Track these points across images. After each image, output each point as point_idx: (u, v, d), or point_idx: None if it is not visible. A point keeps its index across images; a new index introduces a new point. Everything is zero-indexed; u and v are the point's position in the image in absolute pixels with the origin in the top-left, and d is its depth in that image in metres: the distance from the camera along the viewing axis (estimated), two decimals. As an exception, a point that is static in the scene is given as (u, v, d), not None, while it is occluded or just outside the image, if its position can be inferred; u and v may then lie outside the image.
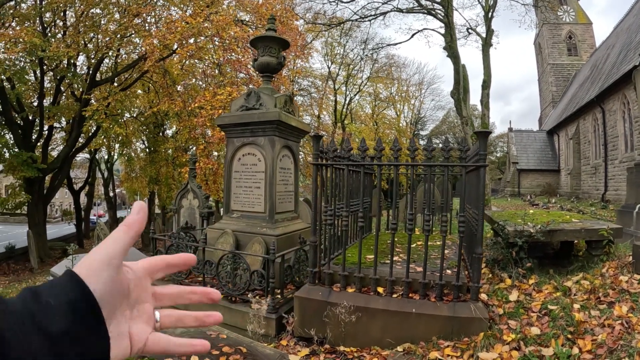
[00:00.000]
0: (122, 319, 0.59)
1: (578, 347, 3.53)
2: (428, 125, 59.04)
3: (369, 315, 4.22)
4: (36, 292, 0.51)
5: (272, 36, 6.60)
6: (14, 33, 14.73)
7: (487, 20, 23.21)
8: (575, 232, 5.73)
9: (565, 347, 3.53)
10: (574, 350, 3.48)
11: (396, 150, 4.29)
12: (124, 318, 0.59)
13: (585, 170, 25.08)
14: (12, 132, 17.95)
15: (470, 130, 20.00)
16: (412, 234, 4.39)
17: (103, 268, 0.55)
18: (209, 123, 14.92)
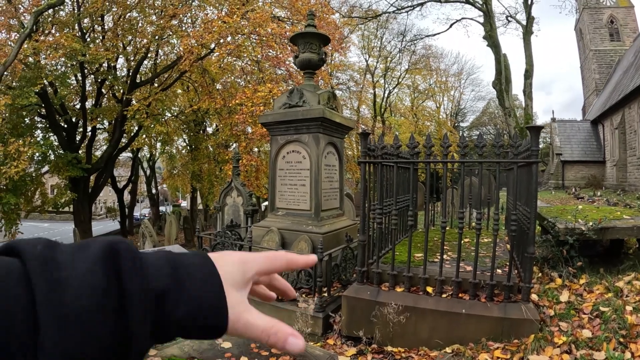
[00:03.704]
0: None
1: (630, 352, 3.42)
2: (468, 117, 58.18)
3: (418, 316, 4.19)
4: (178, 268, 0.53)
5: (313, 32, 6.59)
6: (54, 39, 15.19)
7: (527, 7, 22.72)
8: (627, 230, 5.53)
9: (617, 352, 3.42)
10: (626, 355, 3.37)
11: (446, 146, 4.23)
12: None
13: (631, 162, 24.22)
14: (56, 134, 18.51)
15: (513, 122, 19.62)
16: (462, 232, 4.33)
17: (238, 292, 0.57)
18: (249, 120, 15.01)
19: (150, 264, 0.51)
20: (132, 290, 0.47)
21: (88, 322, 0.43)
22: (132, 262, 0.49)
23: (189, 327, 0.52)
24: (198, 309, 0.51)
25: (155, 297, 0.49)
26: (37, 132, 19.27)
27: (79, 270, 0.45)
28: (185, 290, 0.51)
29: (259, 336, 0.57)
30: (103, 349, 0.44)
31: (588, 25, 40.93)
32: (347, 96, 37.07)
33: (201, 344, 3.34)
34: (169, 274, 0.51)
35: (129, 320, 0.46)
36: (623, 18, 40.28)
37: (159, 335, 0.51)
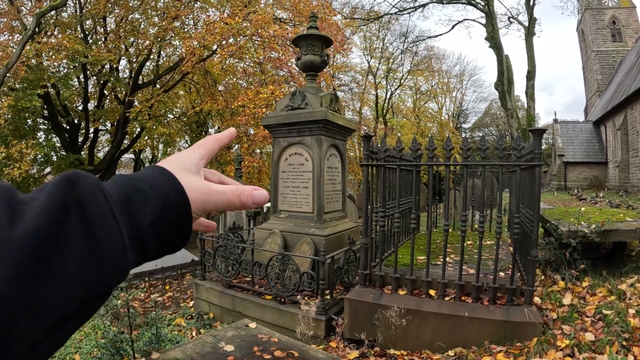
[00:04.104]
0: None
1: (633, 355, 3.41)
2: (471, 118, 58.20)
3: (421, 319, 4.19)
4: (135, 179, 0.55)
5: (315, 34, 6.59)
6: (57, 41, 15.23)
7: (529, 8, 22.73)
8: (630, 232, 5.52)
9: (620, 355, 3.42)
10: (629, 358, 3.37)
11: (449, 149, 4.23)
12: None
13: (634, 163, 24.17)
14: (59, 135, 18.56)
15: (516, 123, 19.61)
16: (465, 235, 4.32)
17: (194, 176, 0.62)
18: (252, 121, 15.04)
19: (108, 184, 0.53)
20: (90, 202, 0.48)
21: (48, 242, 0.44)
22: (89, 182, 0.50)
23: (163, 226, 0.54)
24: (163, 203, 0.54)
25: (121, 204, 0.51)
26: (39, 133, 19.35)
27: (39, 199, 0.46)
28: (146, 192, 0.54)
29: (230, 199, 0.63)
30: (69, 266, 0.45)
31: (590, 26, 40.92)
32: (349, 97, 37.09)
33: (203, 347, 3.34)
34: (125, 184, 0.54)
35: (94, 233, 0.47)
36: (625, 19, 40.25)
37: (137, 245, 0.52)
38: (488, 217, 7.81)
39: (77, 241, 0.45)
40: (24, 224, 0.43)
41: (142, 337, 4.23)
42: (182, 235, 0.57)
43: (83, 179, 0.50)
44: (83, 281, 0.46)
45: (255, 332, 3.79)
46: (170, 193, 0.56)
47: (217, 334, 3.66)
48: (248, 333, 3.72)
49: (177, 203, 0.56)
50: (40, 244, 0.43)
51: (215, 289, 6.21)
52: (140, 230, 0.52)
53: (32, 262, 0.42)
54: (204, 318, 6.26)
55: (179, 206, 0.56)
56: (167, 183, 0.56)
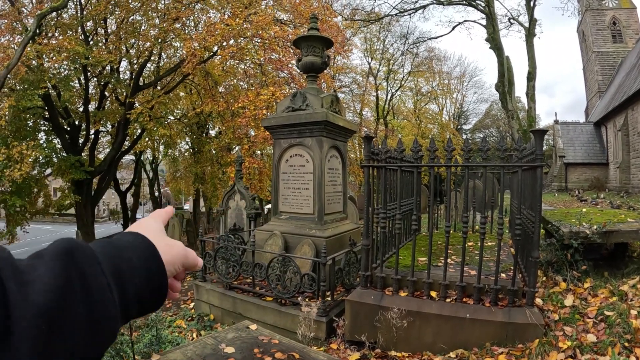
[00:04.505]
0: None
1: (635, 356, 3.41)
2: (471, 119, 58.11)
3: (422, 320, 4.18)
4: (122, 249, 0.64)
5: (316, 35, 6.59)
6: (57, 42, 15.23)
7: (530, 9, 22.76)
8: (632, 233, 5.50)
9: (622, 356, 3.41)
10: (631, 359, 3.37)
11: (450, 150, 4.22)
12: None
13: (635, 164, 24.15)
14: (59, 137, 18.54)
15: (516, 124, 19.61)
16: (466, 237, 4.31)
17: (161, 237, 0.72)
18: (252, 123, 15.03)
19: (99, 252, 0.59)
20: (91, 277, 0.55)
21: (59, 312, 0.49)
22: (86, 255, 0.57)
23: (146, 296, 0.64)
24: (147, 277, 0.64)
25: (114, 279, 0.58)
26: (40, 134, 19.34)
27: (40, 271, 0.51)
28: (134, 264, 0.63)
29: (193, 259, 0.78)
30: (74, 336, 0.50)
31: (590, 27, 40.91)
32: (349, 99, 37.09)
33: (204, 349, 3.33)
34: (117, 255, 0.61)
35: (95, 304, 0.54)
36: (626, 19, 40.24)
37: (123, 310, 0.59)
38: (489, 219, 7.80)
39: (81, 314, 0.51)
40: (36, 298, 0.47)
41: (142, 338, 4.22)
42: (159, 301, 0.67)
43: (80, 251, 0.56)
44: (85, 348, 0.52)
45: (256, 334, 3.77)
46: (153, 267, 0.65)
47: (218, 335, 3.66)
48: (249, 335, 3.71)
49: (157, 275, 0.66)
50: (50, 316, 0.48)
51: (215, 291, 6.20)
52: (128, 300, 0.60)
53: (46, 335, 0.47)
54: (205, 320, 6.25)
55: (158, 278, 0.66)
56: (149, 255, 0.66)
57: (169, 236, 0.75)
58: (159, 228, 0.75)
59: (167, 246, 0.70)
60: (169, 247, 0.71)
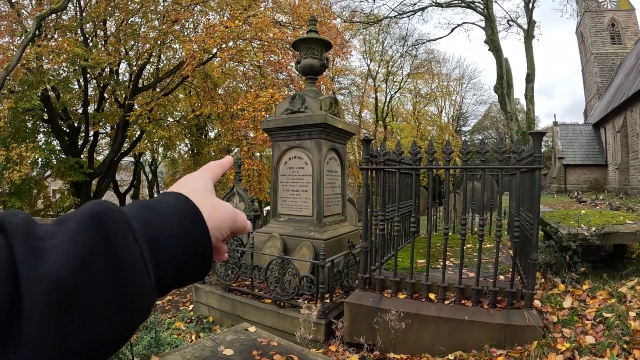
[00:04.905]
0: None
1: (634, 358, 3.40)
2: (470, 121, 58.23)
3: (420, 322, 4.18)
4: (160, 213, 0.56)
5: (315, 38, 6.59)
6: (57, 44, 15.28)
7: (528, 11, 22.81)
8: (630, 235, 5.51)
9: (621, 358, 3.42)
10: (629, 361, 3.38)
11: (448, 153, 4.22)
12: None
13: (634, 165, 24.17)
14: (58, 139, 18.60)
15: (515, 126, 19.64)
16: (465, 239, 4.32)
17: (208, 198, 0.64)
18: (251, 125, 15.06)
19: (133, 217, 0.52)
20: (122, 246, 0.48)
21: (77, 286, 0.43)
22: (118, 221, 0.50)
23: (185, 266, 0.56)
24: (187, 244, 0.56)
25: (150, 246, 0.51)
26: (39, 136, 19.38)
27: (61, 239, 0.44)
28: (172, 229, 0.55)
29: (244, 223, 0.70)
30: (97, 316, 0.44)
31: (589, 29, 40.96)
32: (349, 101, 37.17)
33: (203, 351, 3.34)
34: (154, 220, 0.54)
35: (124, 277, 0.47)
36: (624, 21, 40.30)
37: (159, 282, 0.53)
38: (488, 221, 7.81)
39: (106, 289, 0.45)
40: (48, 271, 0.41)
41: (141, 340, 4.22)
42: (203, 270, 0.60)
43: (110, 215, 0.49)
44: (111, 328, 0.46)
45: (255, 336, 3.78)
46: (195, 233, 0.57)
47: (217, 337, 3.66)
48: (247, 337, 3.72)
49: (200, 243, 0.58)
50: (67, 293, 0.42)
51: (214, 293, 6.20)
52: (165, 271, 0.53)
53: (59, 312, 0.41)
54: (204, 322, 6.25)
55: (202, 246, 0.58)
56: (192, 220, 0.58)
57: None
58: (205, 187, 0.67)
59: (213, 209, 0.62)
60: (215, 210, 0.63)
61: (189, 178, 0.69)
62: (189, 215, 0.58)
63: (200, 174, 0.71)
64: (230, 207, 0.67)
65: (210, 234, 0.59)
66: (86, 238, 0.45)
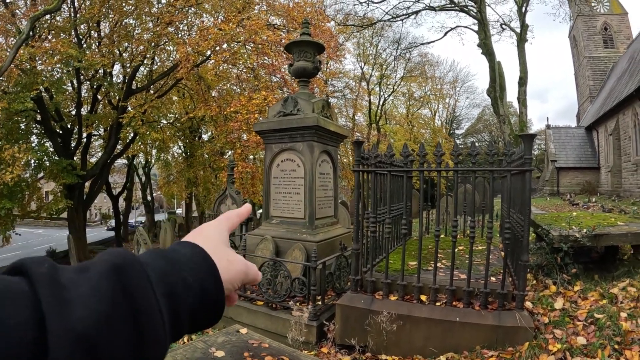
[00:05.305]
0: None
1: (625, 358, 3.42)
2: (463, 124, 58.53)
3: (412, 324, 4.18)
4: (177, 265, 0.57)
5: (308, 41, 6.60)
6: (51, 45, 15.21)
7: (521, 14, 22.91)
8: (621, 236, 5.54)
9: (612, 358, 3.43)
10: (620, 361, 3.39)
11: (439, 155, 4.24)
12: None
13: (626, 168, 24.29)
14: (51, 140, 18.51)
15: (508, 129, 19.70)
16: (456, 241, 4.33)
17: (223, 251, 0.66)
18: (245, 127, 15.05)
19: (152, 269, 0.53)
20: (140, 300, 0.49)
21: (100, 339, 0.44)
22: (137, 273, 0.51)
23: (199, 316, 0.58)
24: (202, 297, 0.58)
25: (167, 299, 0.52)
26: (32, 137, 19.27)
27: (84, 290, 0.46)
28: (189, 283, 0.56)
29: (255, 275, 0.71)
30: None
31: (582, 33, 41.15)
32: (342, 104, 37.24)
33: (194, 353, 3.32)
34: (171, 272, 0.55)
35: (143, 328, 0.48)
36: (617, 25, 40.51)
37: (174, 332, 0.54)
38: (480, 223, 7.82)
39: (125, 340, 0.46)
40: (74, 324, 0.43)
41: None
42: (214, 320, 0.61)
43: (131, 269, 0.51)
44: None
45: (246, 338, 3.77)
46: (210, 287, 0.59)
47: (208, 339, 3.65)
48: (239, 339, 3.71)
49: (214, 296, 0.59)
50: (91, 344, 0.43)
51: (207, 295, 6.18)
52: (179, 322, 0.55)
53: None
54: (196, 324, 6.22)
55: (215, 298, 0.60)
56: (207, 274, 0.60)
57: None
58: (221, 239, 0.68)
59: (227, 262, 0.64)
60: (229, 264, 0.64)
61: (205, 228, 0.70)
62: (205, 269, 0.60)
63: (216, 224, 0.72)
64: (243, 261, 0.68)
65: (223, 288, 0.61)
66: (109, 291, 0.47)
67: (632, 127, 23.27)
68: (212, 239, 0.67)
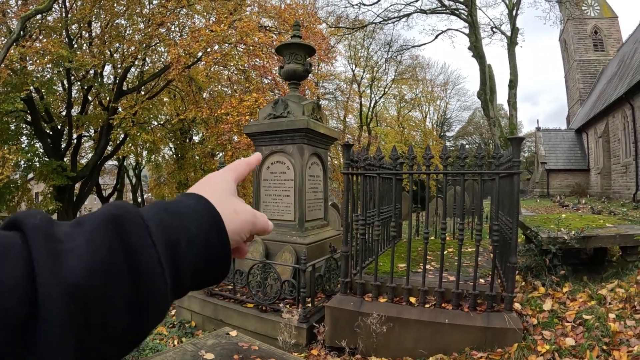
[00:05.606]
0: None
1: (613, 359, 3.45)
2: (454, 126, 58.75)
3: (402, 326, 4.20)
4: (180, 216, 0.55)
5: (298, 43, 6.59)
6: (41, 45, 15.13)
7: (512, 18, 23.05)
8: (610, 238, 5.59)
9: (601, 359, 3.46)
10: (609, 362, 3.42)
11: (428, 158, 4.26)
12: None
13: (615, 170, 24.49)
14: (41, 141, 18.38)
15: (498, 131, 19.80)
16: (445, 243, 4.35)
17: (229, 201, 0.64)
18: (235, 129, 15.03)
19: (152, 220, 0.52)
20: (138, 251, 0.48)
21: (92, 290, 0.43)
22: (135, 224, 0.50)
23: (202, 270, 0.56)
24: (206, 249, 0.55)
25: (167, 250, 0.51)
26: (22, 138, 19.14)
27: (78, 241, 0.45)
28: (191, 232, 0.54)
29: (264, 225, 0.69)
30: (113, 319, 0.45)
31: (572, 36, 41.51)
32: (333, 106, 37.31)
33: (184, 356, 3.32)
34: (172, 224, 0.54)
35: (141, 281, 0.47)
36: (607, 28, 40.89)
37: (177, 286, 0.53)
38: (470, 225, 7.86)
39: (123, 294, 0.46)
40: (66, 275, 0.42)
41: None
42: (220, 274, 0.59)
43: (129, 219, 0.50)
44: (126, 331, 0.47)
45: (236, 340, 3.77)
46: (214, 238, 0.57)
47: (198, 342, 3.65)
48: (229, 341, 3.71)
49: (219, 248, 0.57)
50: (84, 296, 0.42)
51: (197, 297, 6.16)
52: (182, 275, 0.53)
53: (76, 314, 0.42)
54: (186, 326, 6.20)
55: (220, 250, 0.57)
56: (211, 224, 0.57)
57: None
58: (227, 188, 0.66)
59: (233, 213, 0.62)
60: (235, 214, 0.62)
61: (211, 178, 0.69)
62: (209, 220, 0.57)
63: (222, 174, 0.70)
64: (250, 210, 0.66)
65: (229, 238, 0.59)
66: (104, 241, 0.46)
67: (622, 129, 23.47)
68: (218, 188, 0.65)
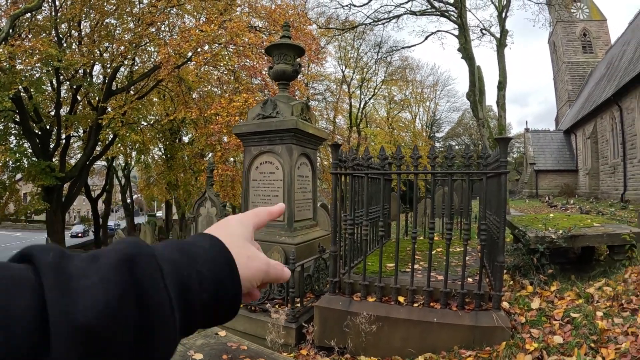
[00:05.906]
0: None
1: (601, 356, 3.47)
2: (444, 127, 59.10)
3: (390, 325, 4.20)
4: (193, 258, 0.55)
5: (287, 43, 6.58)
6: (31, 44, 15.00)
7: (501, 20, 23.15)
8: (597, 237, 5.63)
9: (589, 357, 3.48)
10: None
11: (416, 158, 4.27)
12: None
13: (603, 170, 24.74)
14: (30, 141, 18.19)
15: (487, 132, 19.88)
16: (433, 242, 4.36)
17: (243, 247, 0.63)
18: (225, 130, 15.00)
19: (166, 261, 0.52)
20: (150, 293, 0.48)
21: (103, 330, 0.43)
22: (149, 265, 0.50)
23: (213, 311, 0.56)
24: (217, 291, 0.55)
25: (179, 293, 0.51)
26: (10, 138, 18.95)
27: (92, 280, 0.45)
28: (204, 277, 0.54)
29: (279, 274, 0.67)
30: (123, 357, 0.45)
31: (561, 38, 41.85)
32: (323, 107, 37.31)
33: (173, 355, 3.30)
34: (186, 265, 0.54)
35: (152, 324, 0.47)
36: (596, 31, 41.27)
37: (185, 326, 0.52)
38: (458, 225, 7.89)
39: (132, 335, 0.45)
40: (77, 316, 0.42)
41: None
42: (228, 317, 0.60)
43: (143, 260, 0.49)
44: None
45: (225, 340, 3.75)
46: (227, 284, 0.57)
47: (186, 342, 3.63)
48: (217, 341, 3.69)
49: (230, 293, 0.57)
50: (96, 339, 0.42)
51: (186, 298, 6.14)
52: (191, 317, 0.53)
53: (86, 355, 0.42)
54: (175, 327, 6.18)
55: (231, 296, 0.57)
56: (224, 270, 0.57)
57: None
58: (243, 234, 0.66)
59: (247, 259, 0.62)
60: (249, 261, 0.62)
61: (229, 221, 0.68)
62: (222, 264, 0.57)
63: (241, 218, 0.70)
64: (265, 259, 0.66)
65: (241, 285, 0.59)
66: (118, 282, 0.46)
67: (610, 130, 23.70)
68: (234, 233, 0.65)
